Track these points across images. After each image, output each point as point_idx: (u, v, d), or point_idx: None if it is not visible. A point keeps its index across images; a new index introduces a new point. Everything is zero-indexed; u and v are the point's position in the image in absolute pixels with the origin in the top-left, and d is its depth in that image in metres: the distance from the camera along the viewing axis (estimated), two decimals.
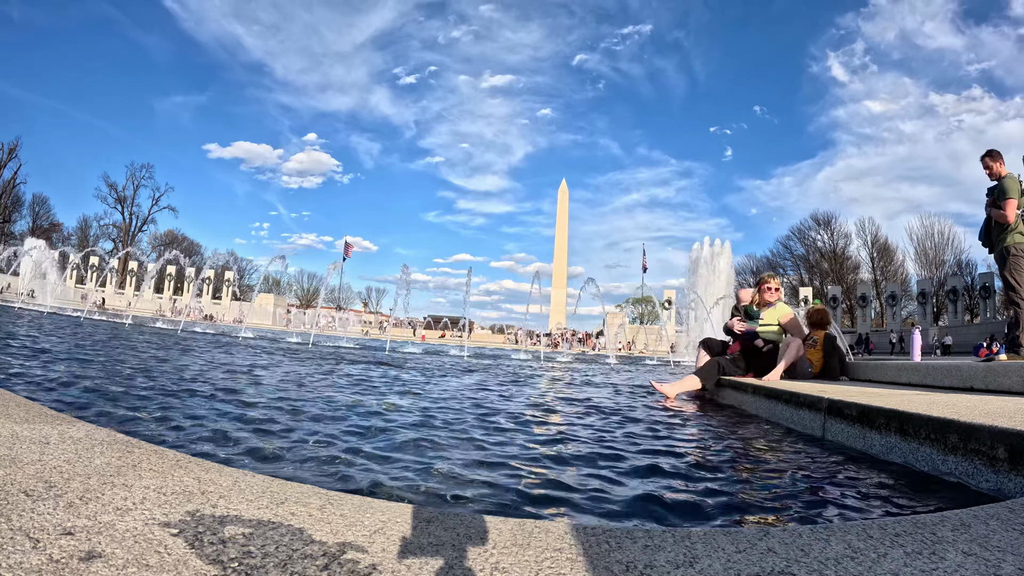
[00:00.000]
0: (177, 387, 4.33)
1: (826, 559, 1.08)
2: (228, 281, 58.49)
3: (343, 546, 1.05)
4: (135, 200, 67.61)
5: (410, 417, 3.69)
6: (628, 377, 10.61)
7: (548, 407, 5.02)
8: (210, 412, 3.35)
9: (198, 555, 0.95)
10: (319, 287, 71.12)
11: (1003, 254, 5.42)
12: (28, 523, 0.99)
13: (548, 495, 2.01)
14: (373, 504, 1.35)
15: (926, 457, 2.31)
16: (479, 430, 3.35)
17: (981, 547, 1.16)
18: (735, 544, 1.15)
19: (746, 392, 5.05)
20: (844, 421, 3.05)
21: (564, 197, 58.45)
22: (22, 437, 1.57)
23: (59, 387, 3.83)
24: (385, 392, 5.18)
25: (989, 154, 5.62)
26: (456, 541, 1.12)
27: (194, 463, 1.54)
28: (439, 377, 7.66)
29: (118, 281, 56.22)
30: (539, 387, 7.21)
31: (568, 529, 1.24)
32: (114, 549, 0.93)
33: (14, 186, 60.75)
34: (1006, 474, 1.86)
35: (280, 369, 7.05)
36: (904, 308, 47.09)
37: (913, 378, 4.73)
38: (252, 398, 4.05)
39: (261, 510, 1.20)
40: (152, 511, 1.12)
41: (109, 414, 3.01)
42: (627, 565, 1.04)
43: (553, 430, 3.60)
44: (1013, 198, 5.33)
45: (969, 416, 2.24)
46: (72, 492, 1.17)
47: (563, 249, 57.35)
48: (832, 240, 59.73)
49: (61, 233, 66.96)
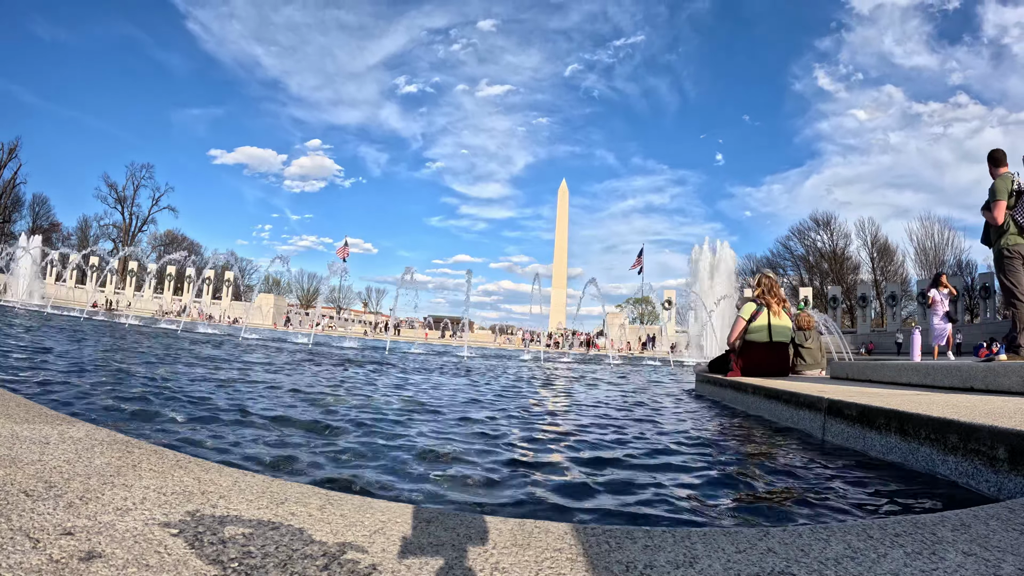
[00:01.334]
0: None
1: (826, 559, 1.08)
2: (228, 281, 58.49)
3: (343, 546, 1.05)
4: (135, 200, 67.70)
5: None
6: (632, 377, 10.61)
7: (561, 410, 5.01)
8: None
9: (198, 555, 0.95)
10: (319, 287, 71.38)
11: (998, 255, 5.41)
12: (28, 523, 0.99)
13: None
14: (373, 504, 1.35)
15: (926, 457, 2.31)
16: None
17: (981, 547, 1.16)
18: (735, 544, 1.15)
19: (746, 392, 5.05)
20: (844, 421, 3.05)
21: (564, 197, 58.43)
22: (22, 437, 1.57)
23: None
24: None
25: (990, 158, 5.60)
26: (456, 541, 1.12)
27: (194, 463, 1.54)
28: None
29: (118, 281, 56.21)
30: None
31: (568, 529, 1.23)
32: (114, 549, 0.93)
33: (14, 186, 60.75)
34: (1006, 474, 1.86)
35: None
36: (904, 308, 47.05)
37: (913, 378, 4.72)
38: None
39: (261, 510, 1.20)
40: (152, 511, 1.12)
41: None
42: (627, 565, 1.04)
43: (562, 428, 3.60)
44: (1001, 200, 5.30)
45: (969, 416, 2.24)
46: (72, 492, 1.17)
47: (563, 249, 57.31)
48: (832, 240, 59.77)
49: (61, 233, 67.00)
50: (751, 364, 6.36)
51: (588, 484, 2.20)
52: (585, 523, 1.56)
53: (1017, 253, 5.26)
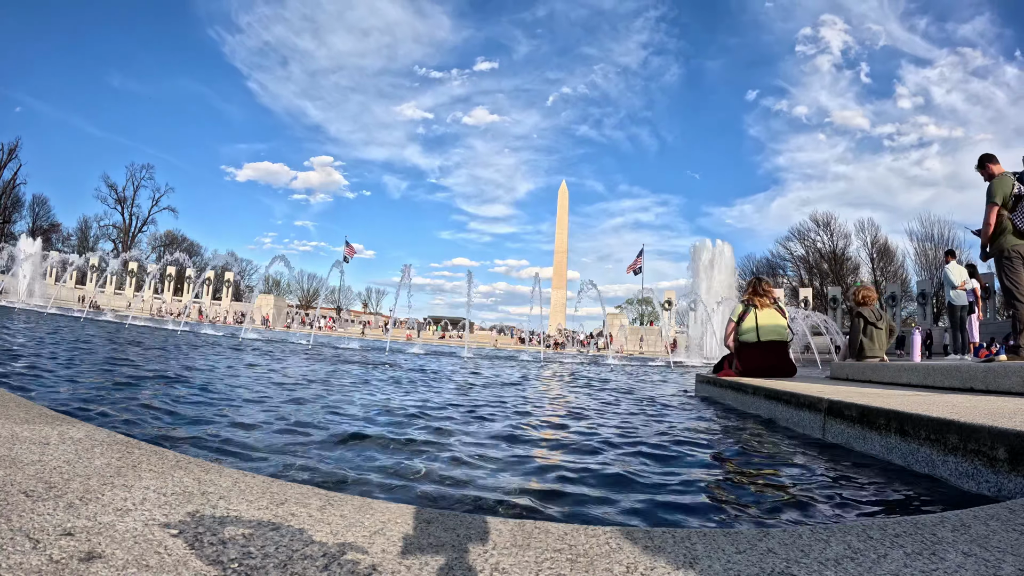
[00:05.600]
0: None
1: (826, 560, 1.08)
2: (228, 282, 58.48)
3: (343, 547, 1.05)
4: (135, 201, 67.72)
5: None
6: (632, 378, 10.61)
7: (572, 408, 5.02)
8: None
9: (198, 556, 0.95)
10: (319, 288, 71.66)
11: (998, 257, 5.40)
12: (28, 524, 0.99)
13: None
14: (373, 505, 1.35)
15: (926, 457, 2.31)
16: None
17: (981, 548, 1.16)
18: (735, 545, 1.15)
19: (746, 392, 5.05)
20: (844, 422, 3.05)
21: (564, 198, 58.43)
22: (22, 437, 1.57)
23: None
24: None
25: (980, 164, 5.58)
26: (456, 542, 1.12)
27: (194, 464, 1.54)
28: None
29: (118, 282, 56.18)
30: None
31: (568, 529, 1.23)
32: (114, 550, 0.93)
33: (14, 187, 60.71)
34: (1006, 474, 1.86)
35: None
36: (904, 308, 47.05)
37: (913, 378, 4.72)
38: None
39: (261, 511, 1.20)
40: (152, 512, 1.12)
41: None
42: (627, 566, 1.04)
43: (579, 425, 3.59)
44: (996, 203, 5.27)
45: (969, 416, 2.24)
46: (72, 493, 1.17)
47: (563, 251, 57.28)
48: (832, 241, 59.79)
49: (61, 234, 66.97)
50: (748, 364, 6.39)
51: (587, 483, 2.20)
52: (586, 522, 1.56)
53: (1017, 253, 5.25)
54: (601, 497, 2.05)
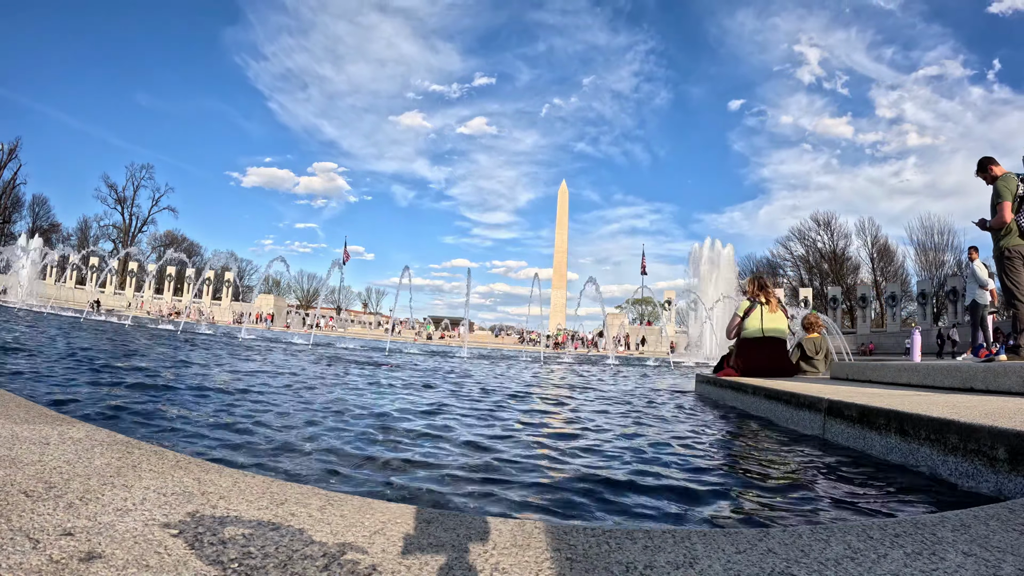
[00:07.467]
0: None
1: (826, 560, 1.08)
2: (228, 282, 58.49)
3: (343, 547, 1.05)
4: (135, 201, 67.72)
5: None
6: (632, 378, 10.61)
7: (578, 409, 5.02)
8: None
9: (198, 556, 0.95)
10: (319, 288, 71.75)
11: (999, 256, 5.40)
12: (28, 523, 0.99)
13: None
14: (373, 505, 1.35)
15: (926, 457, 2.31)
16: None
17: (981, 547, 1.16)
18: (735, 545, 1.15)
19: (746, 392, 5.05)
20: (844, 422, 3.05)
21: (564, 198, 58.39)
22: (22, 437, 1.57)
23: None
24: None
25: (981, 167, 5.57)
26: (456, 542, 1.12)
27: (194, 464, 1.54)
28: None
29: (118, 282, 56.18)
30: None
31: (568, 529, 1.23)
32: (114, 550, 0.93)
33: (14, 186, 60.72)
34: (1006, 474, 1.86)
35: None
36: (904, 308, 47.06)
37: (913, 378, 4.72)
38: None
39: (261, 511, 1.20)
40: (152, 512, 1.12)
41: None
42: (627, 566, 1.04)
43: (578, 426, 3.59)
44: (1007, 200, 5.28)
45: (969, 416, 2.24)
46: (72, 493, 1.17)
47: (563, 251, 57.23)
48: (832, 241, 59.81)
49: (61, 234, 66.97)
50: (748, 361, 6.40)
51: (587, 482, 2.20)
52: (586, 522, 1.57)
53: (1018, 254, 5.25)
54: (601, 497, 2.05)
